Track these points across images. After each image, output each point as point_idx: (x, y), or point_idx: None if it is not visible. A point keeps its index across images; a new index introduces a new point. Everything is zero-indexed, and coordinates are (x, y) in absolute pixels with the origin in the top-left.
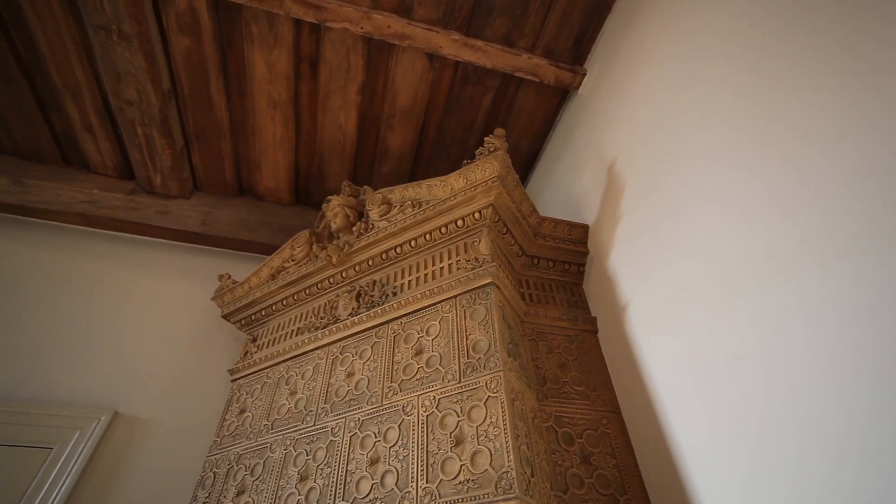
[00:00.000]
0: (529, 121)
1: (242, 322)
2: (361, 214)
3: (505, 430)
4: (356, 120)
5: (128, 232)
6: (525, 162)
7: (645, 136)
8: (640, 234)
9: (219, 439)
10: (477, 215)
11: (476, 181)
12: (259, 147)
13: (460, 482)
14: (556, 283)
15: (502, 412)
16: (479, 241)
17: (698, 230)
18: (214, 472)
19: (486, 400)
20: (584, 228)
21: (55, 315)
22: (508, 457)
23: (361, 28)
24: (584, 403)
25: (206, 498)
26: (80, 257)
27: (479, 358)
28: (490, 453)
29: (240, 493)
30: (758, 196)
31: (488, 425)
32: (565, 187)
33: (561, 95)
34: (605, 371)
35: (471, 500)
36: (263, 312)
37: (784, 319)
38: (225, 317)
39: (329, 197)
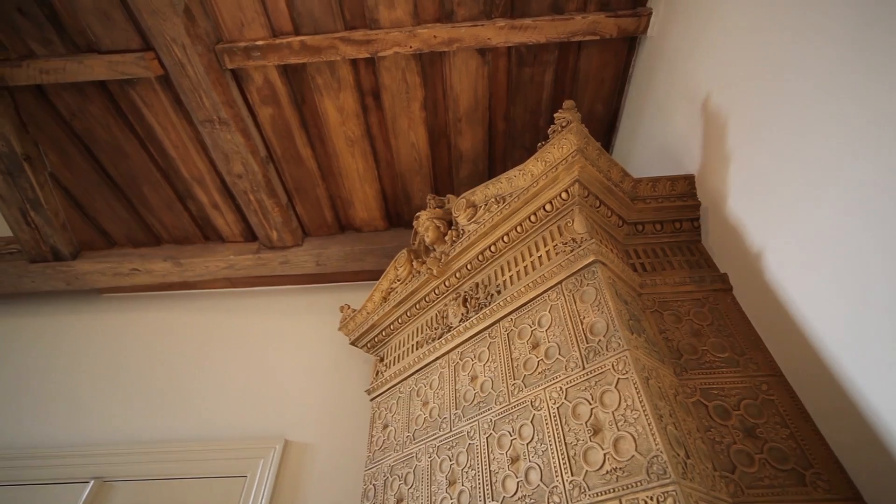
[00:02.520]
0: (599, 83)
1: (368, 345)
2: (450, 223)
3: (644, 411)
4: (426, 134)
5: (261, 285)
6: (605, 127)
7: (740, 61)
8: (761, 170)
9: (371, 454)
10: (564, 195)
11: (555, 161)
12: (347, 184)
13: (607, 472)
14: (669, 246)
15: (637, 393)
16: (573, 220)
17: (833, 156)
18: (374, 485)
19: (617, 383)
20: (689, 179)
21: (224, 364)
22: (655, 440)
23: (410, 47)
24: (733, 371)
25: None
26: (230, 313)
27: (600, 340)
28: (633, 438)
29: (399, 501)
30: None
31: (625, 409)
32: (656, 140)
33: (628, 45)
34: (752, 331)
35: (623, 489)
36: (384, 333)
37: None
38: (353, 343)
39: (417, 214)
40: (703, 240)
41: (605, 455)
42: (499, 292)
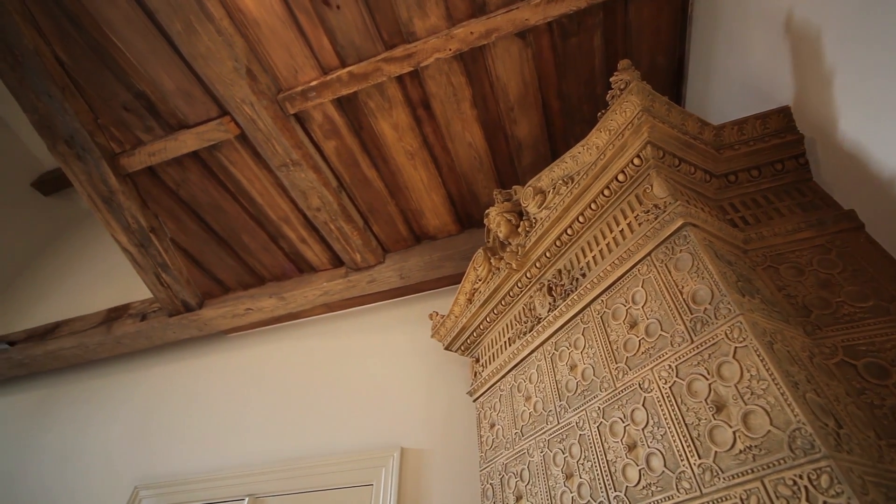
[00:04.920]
0: (655, 33)
1: (461, 348)
2: (521, 214)
3: (774, 380)
4: (480, 131)
5: (353, 306)
6: (670, 78)
7: None
8: (873, 82)
9: (483, 454)
10: (636, 161)
11: (619, 127)
12: (415, 196)
13: (740, 451)
14: (772, 192)
15: (761, 361)
16: (651, 186)
17: None
18: (491, 484)
19: (734, 352)
20: (783, 112)
21: (334, 382)
22: (793, 410)
23: (450, 49)
24: (882, 321)
25: None
26: (332, 336)
27: (706, 309)
28: (766, 411)
29: (518, 498)
30: None
31: (749, 380)
32: (734, 78)
33: None
34: None
35: (763, 469)
36: (474, 334)
37: None
38: (447, 348)
39: (487, 211)
40: (814, 176)
41: (734, 433)
42: (583, 275)
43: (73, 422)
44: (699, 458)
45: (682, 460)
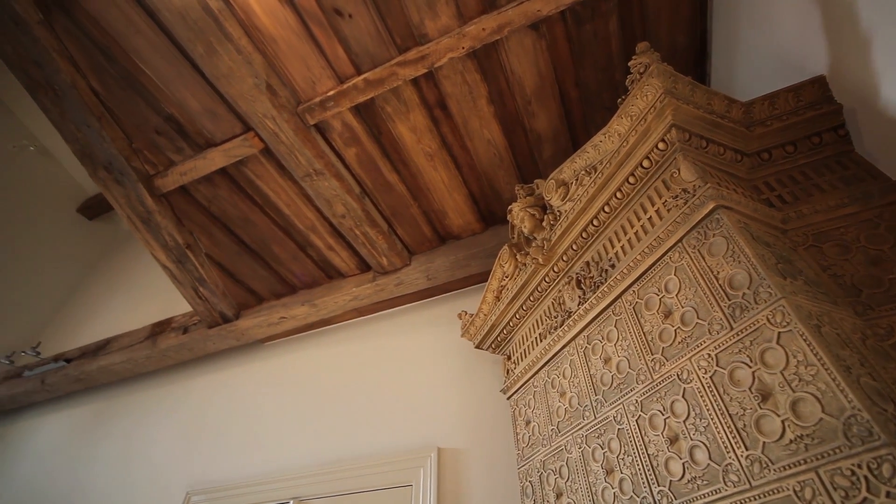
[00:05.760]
0: (673, 11)
1: (492, 346)
2: (544, 207)
3: (824, 365)
4: (498, 127)
5: (382, 309)
6: (693, 57)
7: None
8: None
9: (520, 451)
10: (661, 146)
11: (641, 112)
12: (437, 197)
13: (790, 441)
14: (811, 167)
15: (808, 345)
16: (678, 170)
17: None
18: (530, 482)
19: (778, 338)
20: (818, 82)
21: (369, 385)
22: (847, 396)
23: (462, 48)
24: None
25: None
26: (364, 340)
27: (744, 294)
28: (817, 398)
29: (559, 496)
30: None
31: (796, 366)
32: (761, 51)
33: None
34: None
35: (817, 459)
36: (504, 331)
37: None
38: (477, 346)
39: (510, 207)
40: (856, 148)
41: (783, 422)
42: (613, 266)
43: (127, 432)
44: (746, 449)
45: (728, 452)
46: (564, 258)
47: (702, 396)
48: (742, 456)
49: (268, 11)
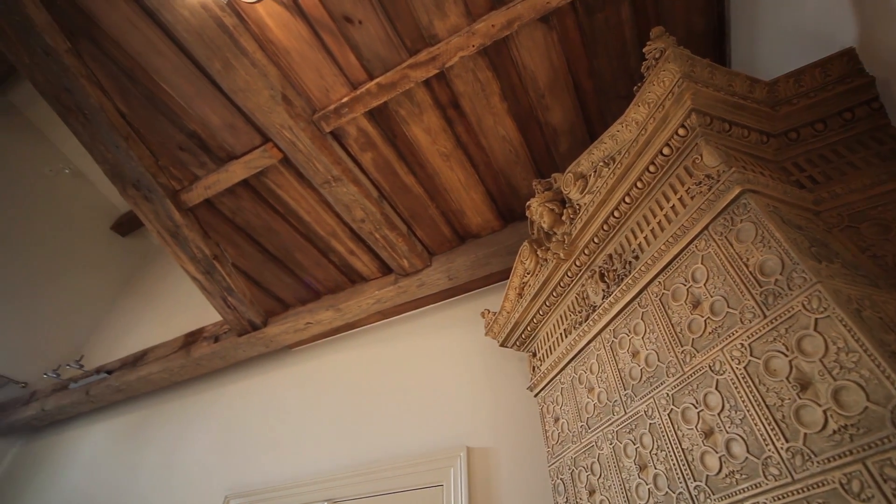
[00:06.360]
0: None
1: (517, 344)
2: (563, 202)
3: (866, 351)
4: (513, 123)
5: (406, 311)
6: (711, 39)
7: None
8: None
9: (550, 449)
10: (681, 132)
11: (659, 98)
12: (454, 197)
13: (834, 431)
14: (843, 144)
15: (848, 331)
16: (701, 155)
17: None
18: (562, 479)
19: (815, 324)
20: (848, 55)
21: (396, 387)
22: (894, 383)
23: (473, 46)
24: None
25: (564, 503)
26: (389, 342)
27: (777, 280)
28: (861, 386)
29: (591, 492)
30: None
31: (836, 353)
32: (785, 27)
33: None
34: None
35: (863, 449)
36: (529, 328)
37: None
38: (502, 345)
39: (528, 203)
40: (893, 121)
41: (824, 412)
42: (636, 258)
43: (167, 439)
44: (786, 441)
45: (766, 445)
46: (586, 252)
47: (736, 388)
48: (782, 448)
49: (280, 24)
